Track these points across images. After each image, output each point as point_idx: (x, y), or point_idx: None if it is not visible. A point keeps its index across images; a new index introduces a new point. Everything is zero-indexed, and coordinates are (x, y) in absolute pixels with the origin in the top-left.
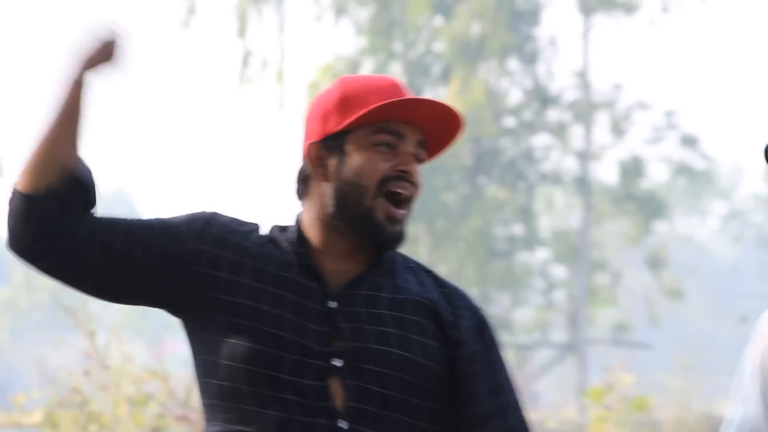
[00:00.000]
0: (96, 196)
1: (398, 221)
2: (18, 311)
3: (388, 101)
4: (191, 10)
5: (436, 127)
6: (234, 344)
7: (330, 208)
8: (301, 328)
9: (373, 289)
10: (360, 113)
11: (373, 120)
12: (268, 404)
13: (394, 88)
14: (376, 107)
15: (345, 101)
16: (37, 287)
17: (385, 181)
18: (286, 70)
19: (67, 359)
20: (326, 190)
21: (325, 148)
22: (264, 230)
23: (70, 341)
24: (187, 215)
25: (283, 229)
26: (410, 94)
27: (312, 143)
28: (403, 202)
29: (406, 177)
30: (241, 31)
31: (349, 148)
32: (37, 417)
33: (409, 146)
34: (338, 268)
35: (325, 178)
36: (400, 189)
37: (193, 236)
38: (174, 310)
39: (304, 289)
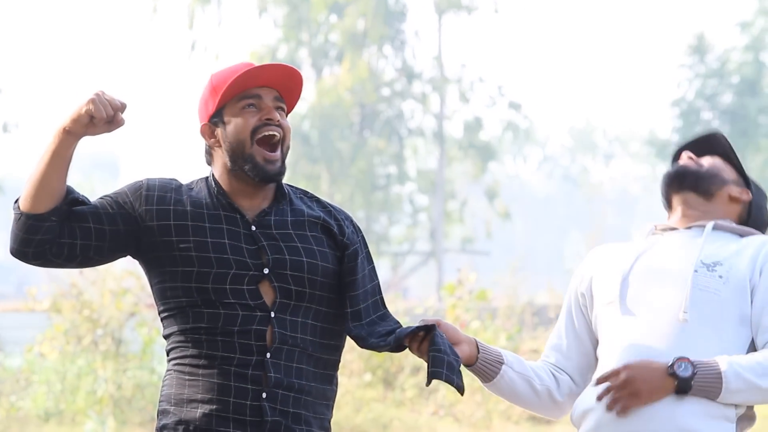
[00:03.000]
0: (76, 198)
1: (274, 161)
2: None
3: (235, 75)
4: (154, 9)
5: (283, 83)
6: (189, 271)
7: (228, 163)
8: (238, 248)
9: (279, 214)
10: (222, 91)
11: (236, 93)
12: (217, 305)
13: (246, 67)
14: (231, 82)
15: (214, 88)
16: None
17: (255, 130)
18: (222, 54)
19: None
20: (222, 152)
21: (212, 125)
22: (185, 182)
23: None
24: (128, 187)
25: (203, 180)
26: (257, 67)
27: (204, 125)
28: (275, 144)
29: (270, 123)
30: (190, 24)
31: (226, 118)
32: (45, 304)
33: (267, 101)
34: (250, 204)
35: (219, 144)
36: (269, 132)
37: (141, 201)
38: (136, 255)
39: (232, 220)
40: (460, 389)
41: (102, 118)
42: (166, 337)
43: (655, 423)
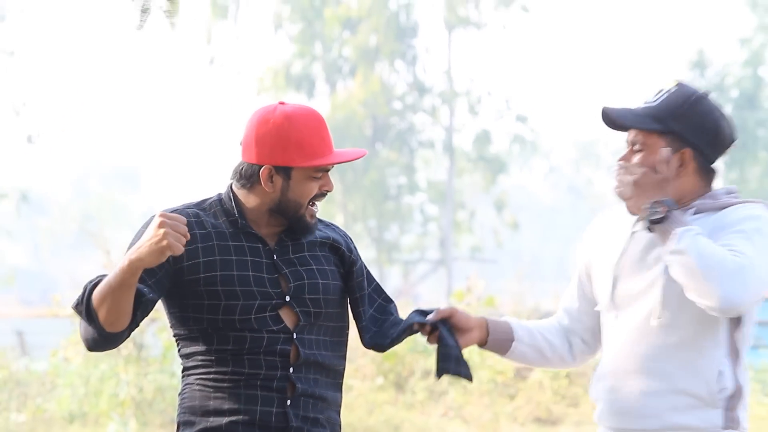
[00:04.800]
0: (146, 303)
1: (315, 215)
2: (54, 235)
3: (337, 161)
4: (172, 25)
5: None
6: (216, 304)
7: (272, 206)
8: (261, 279)
9: (295, 239)
10: (316, 164)
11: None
12: (243, 331)
13: (326, 130)
14: (325, 163)
15: (299, 146)
16: (69, 217)
17: (314, 198)
18: (240, 68)
19: (89, 269)
20: (273, 196)
21: (275, 172)
22: (199, 204)
23: (91, 257)
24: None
25: (219, 202)
26: (329, 131)
27: (266, 167)
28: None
29: (327, 193)
30: (208, 39)
31: (294, 176)
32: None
33: (329, 172)
34: (268, 231)
35: (273, 191)
36: (320, 201)
37: None
38: None
39: (255, 251)
40: (469, 378)
41: (181, 251)
42: (185, 356)
43: (645, 421)
